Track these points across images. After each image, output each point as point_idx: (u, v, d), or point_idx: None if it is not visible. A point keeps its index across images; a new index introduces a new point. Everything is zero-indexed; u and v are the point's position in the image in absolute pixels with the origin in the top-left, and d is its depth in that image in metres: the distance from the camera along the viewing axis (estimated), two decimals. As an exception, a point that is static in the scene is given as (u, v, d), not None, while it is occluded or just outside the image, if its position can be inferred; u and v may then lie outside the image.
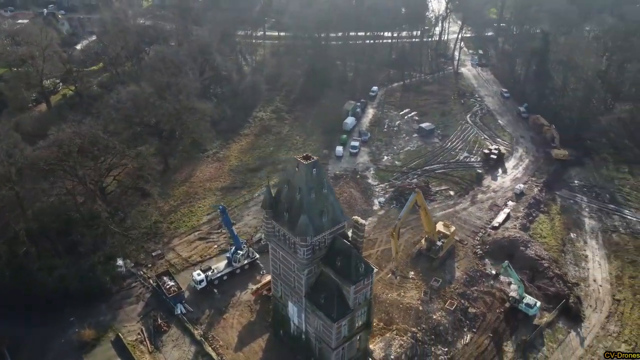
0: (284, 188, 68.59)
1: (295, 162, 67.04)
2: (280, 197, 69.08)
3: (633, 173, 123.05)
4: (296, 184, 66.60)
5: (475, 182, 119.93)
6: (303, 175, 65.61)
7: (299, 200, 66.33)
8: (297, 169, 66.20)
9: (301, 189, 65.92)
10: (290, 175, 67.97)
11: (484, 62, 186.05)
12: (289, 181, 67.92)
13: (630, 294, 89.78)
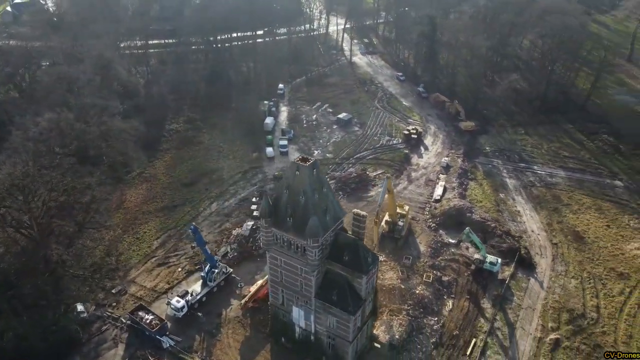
0: (284, 194, 67.99)
1: (294, 166, 66.74)
2: (280, 204, 68.38)
3: (529, 133, 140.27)
4: (299, 187, 66.54)
5: (405, 162, 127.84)
6: (305, 178, 65.82)
7: (303, 203, 66.43)
8: (298, 172, 66.14)
9: (305, 191, 66.09)
10: (290, 179, 67.54)
11: (371, 50, 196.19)
12: (289, 186, 67.49)
13: (563, 237, 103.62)
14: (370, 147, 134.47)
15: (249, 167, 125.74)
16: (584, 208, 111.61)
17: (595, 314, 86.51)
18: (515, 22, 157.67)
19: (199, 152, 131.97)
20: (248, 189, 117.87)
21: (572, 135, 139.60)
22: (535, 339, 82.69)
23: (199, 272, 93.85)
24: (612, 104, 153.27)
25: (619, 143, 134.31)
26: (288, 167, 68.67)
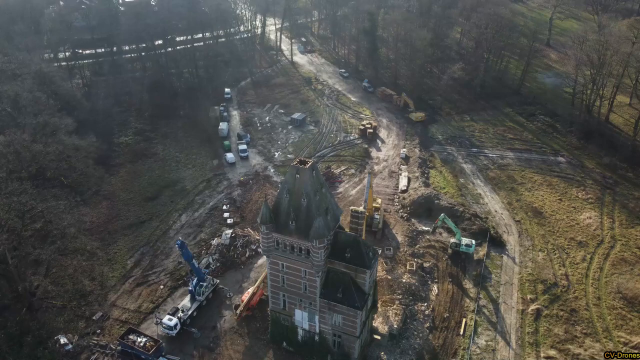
0: (284, 198, 67.79)
1: (293, 170, 66.68)
2: (281, 209, 68.13)
3: (474, 119, 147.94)
4: (300, 190, 66.64)
5: (365, 156, 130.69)
6: (307, 180, 66.05)
7: (306, 206, 66.67)
8: (298, 176, 66.19)
9: (307, 193, 66.31)
10: (290, 183, 67.39)
11: (310, 49, 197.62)
12: (290, 189, 67.35)
13: (524, 214, 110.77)
14: (329, 144, 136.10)
15: (212, 174, 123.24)
16: (536, 185, 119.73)
17: (566, 281, 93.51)
18: (449, 13, 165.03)
19: (156, 164, 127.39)
20: (215, 197, 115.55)
21: (512, 118, 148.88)
22: (518, 312, 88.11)
23: (183, 287, 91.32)
24: (542, 87, 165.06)
25: (555, 122, 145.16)
26: (287, 171, 68.36)
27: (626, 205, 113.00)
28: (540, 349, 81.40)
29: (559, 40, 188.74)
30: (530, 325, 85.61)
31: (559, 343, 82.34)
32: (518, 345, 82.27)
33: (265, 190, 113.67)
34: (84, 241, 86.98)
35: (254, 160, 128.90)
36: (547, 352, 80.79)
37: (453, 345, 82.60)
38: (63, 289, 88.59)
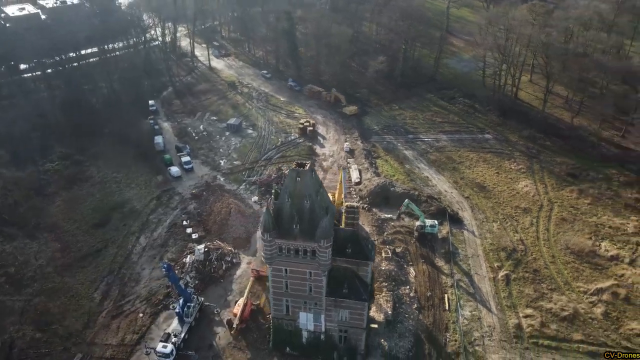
0: (286, 203, 67.35)
1: (293, 173, 66.49)
2: (283, 214, 67.68)
3: (402, 108, 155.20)
4: (302, 193, 66.77)
5: (311, 154, 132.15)
6: (308, 182, 66.44)
7: (309, 207, 66.98)
8: (299, 179, 66.23)
9: (310, 195, 66.67)
10: (291, 187, 67.04)
11: (225, 52, 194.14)
12: (291, 193, 67.07)
13: (470, 190, 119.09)
14: (273, 146, 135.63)
15: (160, 191, 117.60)
16: (474, 162, 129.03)
17: (522, 246, 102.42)
18: (365, 8, 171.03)
19: (94, 187, 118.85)
20: (171, 213, 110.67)
21: (435, 103, 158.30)
22: (490, 280, 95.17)
23: (164, 311, 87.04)
24: (454, 72, 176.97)
25: (474, 103, 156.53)
26: (287, 177, 67.28)
27: (552, 170, 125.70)
28: (518, 310, 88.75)
29: (455, 27, 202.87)
30: (504, 290, 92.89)
31: (532, 302, 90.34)
32: (499, 310, 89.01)
33: (226, 200, 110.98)
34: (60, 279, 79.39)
35: (201, 171, 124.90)
36: (525, 312, 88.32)
37: (442, 320, 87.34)
38: (45, 334, 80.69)
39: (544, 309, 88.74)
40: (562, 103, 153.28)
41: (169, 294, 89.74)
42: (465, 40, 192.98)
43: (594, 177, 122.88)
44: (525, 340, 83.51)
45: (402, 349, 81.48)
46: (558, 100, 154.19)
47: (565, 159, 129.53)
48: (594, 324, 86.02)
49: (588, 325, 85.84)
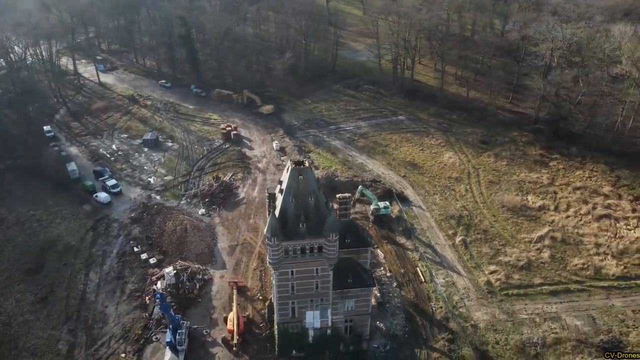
0: (290, 204, 66.18)
1: (295, 172, 65.57)
2: (288, 215, 66.47)
3: (315, 101, 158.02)
4: (306, 190, 66.29)
5: (243, 158, 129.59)
6: (310, 178, 66.36)
7: (314, 204, 66.77)
8: (302, 177, 65.62)
9: (313, 191, 66.52)
10: (294, 187, 65.89)
11: (111, 66, 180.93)
12: (295, 193, 66.08)
13: (404, 169, 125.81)
14: (200, 156, 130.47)
15: (92, 221, 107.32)
16: (398, 143, 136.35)
17: (466, 211, 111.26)
18: (261, 6, 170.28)
19: (12, 230, 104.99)
20: (115, 242, 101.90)
21: (344, 93, 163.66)
22: (451, 247, 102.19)
23: (147, 344, 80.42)
24: (349, 62, 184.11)
25: (378, 89, 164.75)
26: (288, 177, 65.38)
27: (466, 140, 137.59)
28: (483, 269, 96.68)
29: (337, 20, 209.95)
30: (465, 253, 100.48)
31: (491, 259, 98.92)
32: (467, 272, 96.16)
33: (176, 217, 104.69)
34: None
35: (131, 193, 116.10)
36: (489, 269, 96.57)
37: (423, 292, 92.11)
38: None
39: (503, 263, 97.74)
40: (454, 80, 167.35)
41: (146, 325, 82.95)
42: (350, 31, 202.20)
43: (502, 141, 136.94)
44: (497, 294, 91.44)
45: (398, 326, 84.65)
46: (450, 78, 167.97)
47: (473, 129, 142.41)
48: (546, 267, 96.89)
49: (542, 269, 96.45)
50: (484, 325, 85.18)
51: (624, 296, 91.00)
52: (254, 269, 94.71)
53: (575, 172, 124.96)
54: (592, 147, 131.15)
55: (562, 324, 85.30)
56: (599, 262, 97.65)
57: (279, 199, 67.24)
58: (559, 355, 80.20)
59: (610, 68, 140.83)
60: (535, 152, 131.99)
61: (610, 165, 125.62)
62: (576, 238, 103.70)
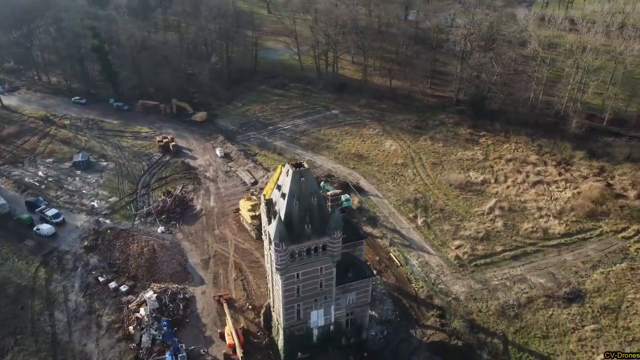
0: (294, 207, 65.88)
1: (297, 175, 65.39)
2: (293, 218, 66.17)
3: (246, 103, 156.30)
4: (308, 191, 66.50)
5: (188, 168, 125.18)
6: (310, 179, 66.74)
7: (317, 204, 67.18)
8: (303, 178, 65.69)
9: (315, 191, 66.95)
10: (297, 190, 65.52)
11: (11, 87, 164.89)
12: (298, 196, 65.86)
13: (352, 161, 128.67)
14: (141, 172, 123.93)
15: (40, 257, 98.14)
16: (339, 137, 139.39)
17: (420, 194, 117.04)
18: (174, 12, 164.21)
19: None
20: (74, 276, 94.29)
21: (273, 92, 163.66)
22: (415, 229, 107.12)
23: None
24: (270, 62, 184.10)
25: (306, 85, 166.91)
26: (290, 180, 64.52)
27: (401, 127, 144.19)
28: (449, 245, 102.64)
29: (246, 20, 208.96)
30: (429, 233, 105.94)
31: (454, 234, 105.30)
32: (436, 250, 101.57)
33: (139, 238, 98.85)
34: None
35: (76, 221, 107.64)
36: (454, 244, 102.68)
37: (402, 276, 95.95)
38: None
39: (465, 237, 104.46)
40: (375, 71, 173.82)
41: (137, 356, 78.09)
42: (265, 31, 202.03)
43: (432, 125, 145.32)
44: (467, 266, 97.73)
45: (388, 311, 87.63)
46: (372, 69, 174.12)
47: (404, 116, 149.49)
48: (502, 235, 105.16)
49: (499, 237, 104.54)
50: (464, 296, 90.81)
51: (572, 250, 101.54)
52: (234, 279, 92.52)
53: (503, 145, 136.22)
54: (512, 121, 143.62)
55: (529, 283, 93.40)
56: (544, 224, 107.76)
57: (281, 203, 66.65)
58: (534, 312, 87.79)
59: (521, 49, 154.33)
60: (465, 132, 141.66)
61: (530, 136, 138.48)
62: (520, 205, 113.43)
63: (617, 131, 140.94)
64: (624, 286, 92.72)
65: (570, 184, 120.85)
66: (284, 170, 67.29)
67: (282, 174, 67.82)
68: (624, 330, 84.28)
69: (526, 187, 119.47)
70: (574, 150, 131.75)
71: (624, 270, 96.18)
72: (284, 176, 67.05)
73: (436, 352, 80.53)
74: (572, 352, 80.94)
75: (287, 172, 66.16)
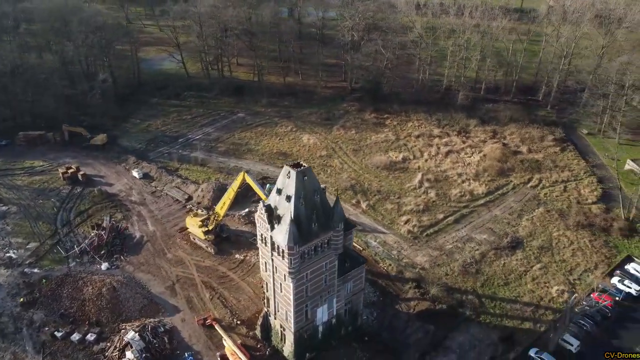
0: (301, 207, 65.23)
1: (300, 175, 64.78)
2: (301, 219, 65.52)
3: (144, 119, 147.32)
4: (311, 189, 66.38)
5: (107, 196, 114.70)
6: (312, 176, 66.75)
7: (320, 200, 67.50)
8: (306, 178, 65.46)
9: (318, 188, 67.15)
10: (300, 190, 64.73)
11: None
12: (304, 196, 65.30)
13: (278, 160, 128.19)
14: (55, 209, 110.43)
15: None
16: (255, 139, 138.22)
17: (353, 180, 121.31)
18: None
19: None
20: (21, 338, 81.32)
21: (169, 104, 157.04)
22: (362, 213, 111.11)
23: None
24: (153, 72, 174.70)
25: (200, 93, 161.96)
26: (294, 181, 63.18)
27: (309, 120, 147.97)
28: (397, 221, 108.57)
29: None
30: (377, 214, 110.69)
31: (398, 211, 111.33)
32: (388, 228, 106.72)
33: (90, 279, 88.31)
34: None
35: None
36: (402, 220, 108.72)
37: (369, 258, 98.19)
38: None
39: (409, 211, 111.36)
40: (267, 71, 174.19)
41: (138, 403, 71.04)
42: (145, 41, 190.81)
43: (339, 114, 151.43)
44: (421, 238, 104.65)
45: (370, 294, 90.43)
46: (265, 69, 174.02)
47: (310, 110, 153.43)
48: (438, 204, 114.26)
49: (437, 206, 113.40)
50: (429, 264, 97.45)
51: (497, 205, 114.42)
52: (210, 299, 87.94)
53: (407, 124, 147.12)
54: (407, 101, 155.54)
55: (476, 241, 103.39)
56: (468, 187, 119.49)
57: (286, 206, 65.62)
58: (490, 264, 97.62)
59: (403, 36, 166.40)
60: (370, 117, 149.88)
61: (427, 113, 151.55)
62: (442, 175, 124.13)
63: (493, 98, 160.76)
64: (547, 227, 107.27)
65: (474, 149, 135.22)
66: (284, 173, 66.23)
67: (282, 177, 66.65)
68: (562, 263, 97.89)
69: (441, 158, 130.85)
70: (468, 119, 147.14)
71: (542, 214, 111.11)
72: (285, 178, 66.04)
73: (426, 320, 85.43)
74: (531, 290, 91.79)
75: (288, 173, 65.30)
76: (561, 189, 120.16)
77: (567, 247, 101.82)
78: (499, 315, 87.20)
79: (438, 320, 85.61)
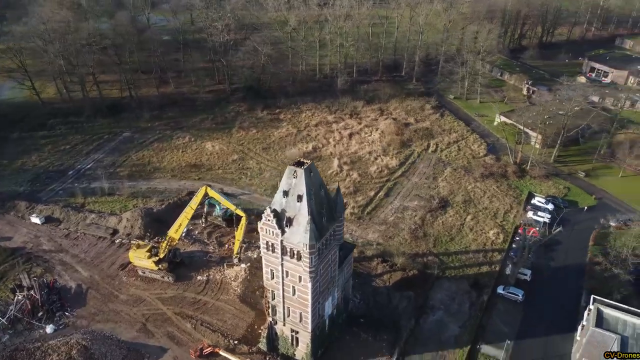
0: (312, 203, 64.50)
1: (307, 172, 63.90)
2: (314, 216, 64.87)
3: (15, 158, 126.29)
4: (317, 184, 66.08)
5: (11, 252, 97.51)
6: (316, 171, 66.55)
7: (324, 193, 67.79)
8: (312, 173, 64.99)
9: (322, 183, 67.41)
10: (309, 186, 63.71)
11: None
12: (314, 192, 64.61)
13: (194, 173, 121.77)
14: None
15: None
16: (157, 156, 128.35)
17: (277, 177, 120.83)
18: None
19: None
20: None
21: (36, 137, 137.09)
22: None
23: None
24: None
25: (68, 118, 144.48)
26: (303, 179, 60.65)
27: (204, 127, 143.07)
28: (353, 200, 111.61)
29: None
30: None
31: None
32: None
33: (48, 349, 74.80)
34: None
35: None
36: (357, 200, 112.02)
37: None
38: None
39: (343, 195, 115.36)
40: (137, 84, 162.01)
41: None
42: None
43: (231, 117, 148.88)
44: (364, 217, 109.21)
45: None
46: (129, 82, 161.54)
47: (200, 117, 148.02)
48: (364, 182, 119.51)
49: (364, 185, 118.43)
50: (382, 239, 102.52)
51: (413, 173, 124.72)
52: (193, 328, 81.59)
53: (300, 115, 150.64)
54: (292, 94, 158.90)
55: (412, 208, 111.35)
56: (382, 163, 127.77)
57: (297, 206, 64.36)
58: (431, 225, 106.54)
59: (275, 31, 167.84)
60: (263, 114, 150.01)
61: (315, 102, 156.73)
62: (355, 156, 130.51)
63: (365, 79, 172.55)
64: (460, 183, 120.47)
65: (370, 128, 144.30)
66: (288, 174, 64.53)
67: (286, 179, 64.88)
68: (485, 210, 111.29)
69: (347, 141, 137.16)
70: (354, 101, 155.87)
71: (451, 173, 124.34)
72: (290, 179, 64.54)
73: (403, 288, 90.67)
74: (474, 239, 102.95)
75: (294, 173, 64.01)
76: (456, 148, 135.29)
77: (483, 196, 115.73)
78: (459, 267, 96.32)
79: (413, 285, 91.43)
